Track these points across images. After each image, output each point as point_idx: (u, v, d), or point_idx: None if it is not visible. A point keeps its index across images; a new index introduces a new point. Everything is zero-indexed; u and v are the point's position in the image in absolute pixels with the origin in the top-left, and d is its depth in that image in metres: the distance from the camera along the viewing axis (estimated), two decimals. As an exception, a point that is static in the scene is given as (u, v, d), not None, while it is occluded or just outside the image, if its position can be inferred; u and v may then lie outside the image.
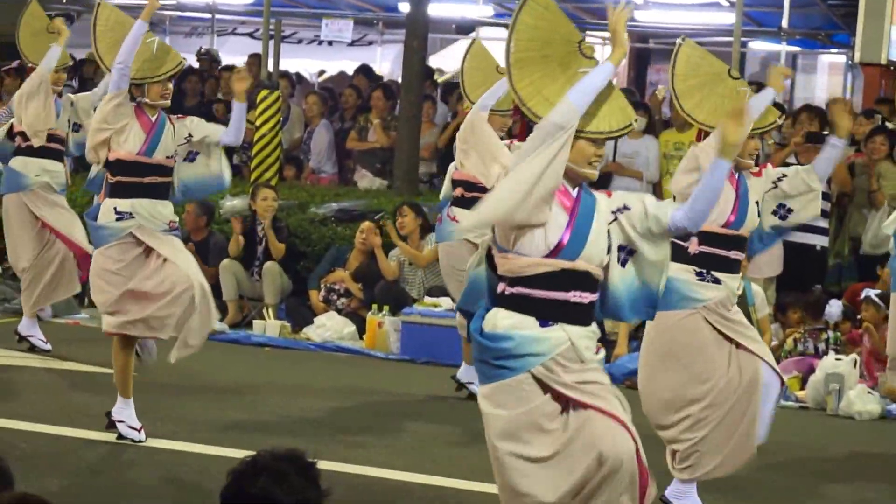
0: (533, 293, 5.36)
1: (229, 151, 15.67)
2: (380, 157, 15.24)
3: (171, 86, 8.54)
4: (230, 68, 14.89)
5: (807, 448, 9.70)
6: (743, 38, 14.10)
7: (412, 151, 14.81)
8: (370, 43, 21.32)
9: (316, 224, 13.49)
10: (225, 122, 9.26)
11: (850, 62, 17.61)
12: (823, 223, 12.60)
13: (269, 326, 12.44)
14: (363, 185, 15.13)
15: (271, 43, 15.30)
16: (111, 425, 8.30)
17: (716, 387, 7.28)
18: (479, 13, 20.03)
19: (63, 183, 10.87)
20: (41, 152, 10.53)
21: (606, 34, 21.76)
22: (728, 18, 15.44)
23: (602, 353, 5.63)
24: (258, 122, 13.81)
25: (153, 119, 8.30)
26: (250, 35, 20.66)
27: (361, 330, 12.31)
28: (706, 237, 7.20)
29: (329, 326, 12.31)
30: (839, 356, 11.12)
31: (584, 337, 5.44)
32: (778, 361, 11.22)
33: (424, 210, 12.77)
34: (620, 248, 5.48)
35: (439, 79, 18.31)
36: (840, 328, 11.79)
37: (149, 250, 8.32)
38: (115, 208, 8.28)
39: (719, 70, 7.28)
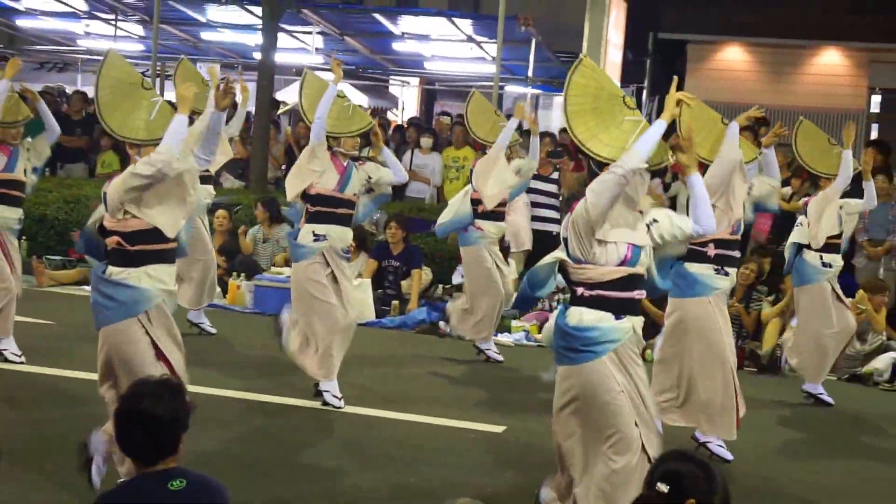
0: (609, 294, 5.19)
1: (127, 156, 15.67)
2: (240, 165, 15.31)
3: (360, 140, 8.21)
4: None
5: (533, 370, 9.87)
6: (500, 83, 14.43)
7: (263, 161, 15.03)
8: (233, 81, 21.18)
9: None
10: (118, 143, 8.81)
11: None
12: (557, 214, 13.13)
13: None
14: (227, 185, 15.00)
15: (158, 80, 15.22)
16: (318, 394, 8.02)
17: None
18: (311, 61, 20.05)
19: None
20: None
21: (403, 78, 22.18)
22: (490, 69, 15.81)
23: None
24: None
25: (344, 164, 8.02)
26: (143, 73, 20.32)
27: (225, 290, 12.24)
28: (719, 243, 7.18)
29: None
30: None
31: (640, 323, 5.32)
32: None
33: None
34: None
35: (281, 109, 18.46)
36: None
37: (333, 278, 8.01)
38: (313, 231, 7.99)
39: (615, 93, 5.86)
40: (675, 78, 5.53)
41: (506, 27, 14.38)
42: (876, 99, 19.42)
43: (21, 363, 8.55)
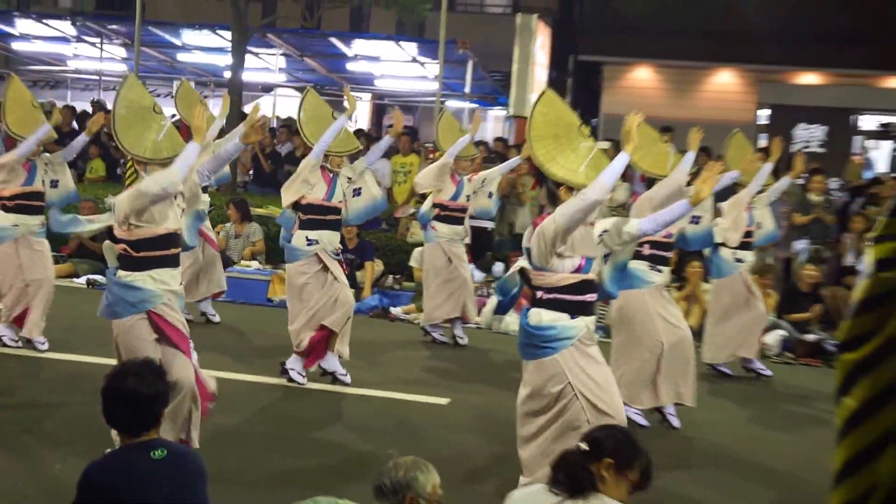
0: (565, 297, 5.23)
1: (112, 164, 15.45)
2: (211, 171, 15.19)
3: (346, 159, 8.21)
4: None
5: (477, 351, 9.93)
6: (441, 99, 14.42)
7: (232, 166, 14.80)
8: (205, 97, 21.04)
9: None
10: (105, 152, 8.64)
11: (507, 115, 18.11)
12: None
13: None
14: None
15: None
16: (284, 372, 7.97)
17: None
18: (276, 79, 19.99)
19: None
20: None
21: (355, 94, 22.08)
22: (433, 86, 15.82)
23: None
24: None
25: (331, 176, 7.97)
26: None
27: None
28: (654, 244, 7.28)
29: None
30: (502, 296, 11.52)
31: (592, 322, 5.36)
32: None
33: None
34: (605, 256, 5.47)
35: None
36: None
37: (325, 268, 7.94)
38: (306, 237, 7.92)
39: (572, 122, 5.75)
40: (635, 115, 5.46)
41: (446, 50, 14.38)
42: (763, 113, 19.66)
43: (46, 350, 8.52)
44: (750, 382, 9.29)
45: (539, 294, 5.27)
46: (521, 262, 5.37)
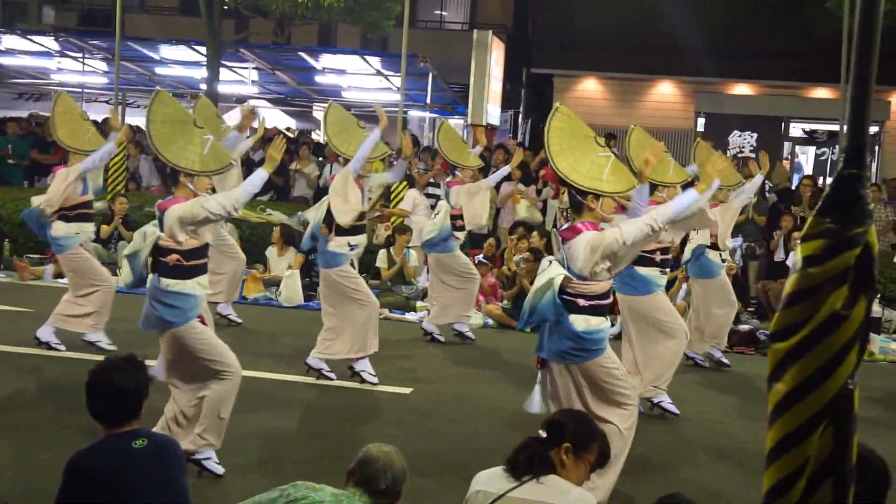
0: (602, 303, 5.23)
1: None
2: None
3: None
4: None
5: (442, 346, 9.82)
6: (404, 109, 14.43)
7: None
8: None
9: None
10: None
11: (465, 123, 18.16)
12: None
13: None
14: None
15: (120, 107, 14.92)
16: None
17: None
18: (249, 91, 19.89)
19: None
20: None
21: (323, 105, 21.98)
22: (396, 97, 15.78)
23: None
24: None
25: (360, 182, 7.82)
26: (107, 102, 19.92)
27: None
28: (664, 250, 7.30)
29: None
30: None
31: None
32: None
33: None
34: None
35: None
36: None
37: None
38: (348, 242, 7.76)
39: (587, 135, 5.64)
40: (637, 126, 5.50)
41: (408, 63, 14.36)
42: (700, 121, 19.84)
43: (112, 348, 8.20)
44: (723, 372, 9.33)
45: (581, 302, 5.17)
46: (557, 271, 5.16)
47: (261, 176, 5.52)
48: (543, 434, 3.54)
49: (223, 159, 5.75)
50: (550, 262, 5.26)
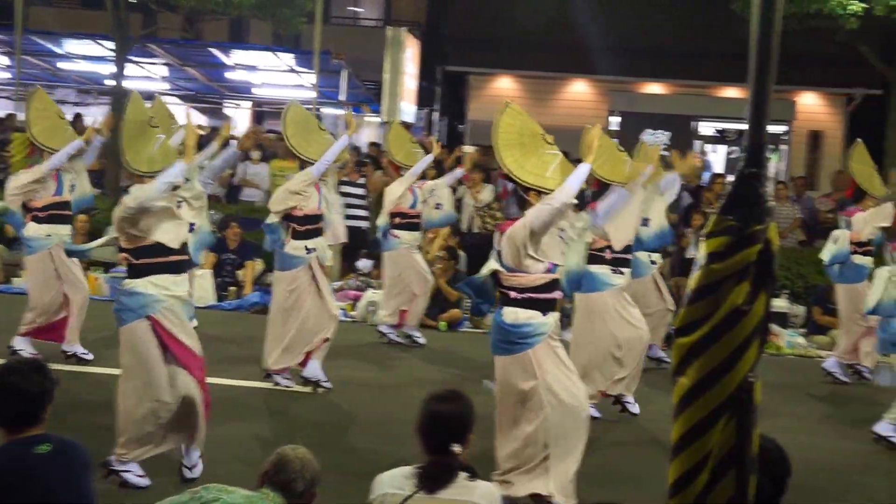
0: (537, 296, 5.24)
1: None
2: (97, 175, 14.72)
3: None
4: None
5: (351, 343, 9.88)
6: (318, 106, 14.32)
7: (116, 172, 14.43)
8: (87, 105, 20.40)
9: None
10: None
11: (381, 121, 18.12)
12: (365, 213, 13.19)
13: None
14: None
15: (23, 103, 14.43)
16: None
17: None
18: (158, 87, 19.50)
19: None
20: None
21: (234, 101, 21.72)
22: (310, 94, 15.65)
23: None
24: (14, 154, 13.05)
25: (318, 185, 7.78)
26: (8, 97, 19.34)
27: (87, 283, 11.75)
28: (624, 250, 7.35)
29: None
30: (375, 290, 11.44)
31: (557, 317, 5.40)
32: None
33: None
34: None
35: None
36: (371, 275, 12.07)
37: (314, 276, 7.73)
38: (305, 246, 7.69)
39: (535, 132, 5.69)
40: (595, 128, 5.60)
41: (321, 60, 14.27)
42: (615, 119, 20.16)
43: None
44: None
45: (513, 294, 5.25)
46: (493, 265, 5.30)
47: (180, 168, 5.51)
48: (458, 449, 3.49)
49: (171, 158, 5.70)
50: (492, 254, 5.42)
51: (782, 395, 8.52)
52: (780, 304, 11.43)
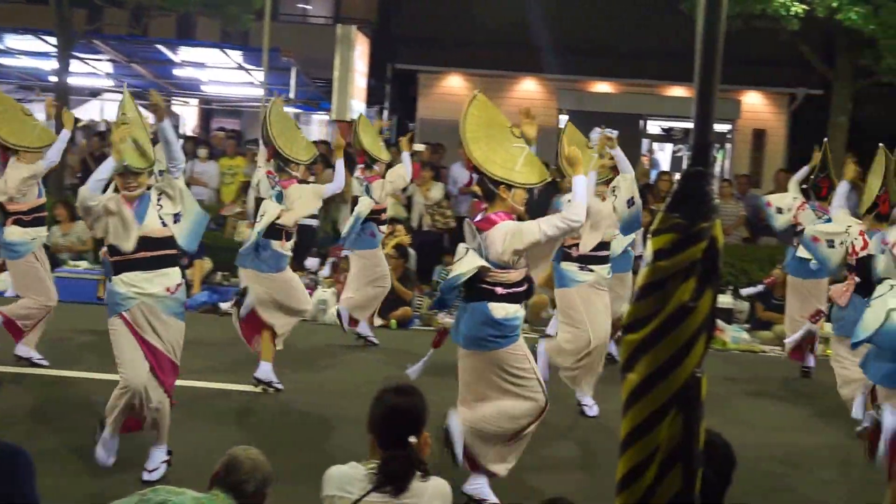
0: (518, 290, 5.33)
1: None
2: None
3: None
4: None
5: (304, 342, 9.82)
6: (266, 104, 14.24)
7: (61, 169, 14.19)
8: (30, 101, 20.02)
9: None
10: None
11: (330, 119, 18.06)
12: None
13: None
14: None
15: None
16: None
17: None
18: (103, 83, 19.24)
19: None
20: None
21: (182, 99, 21.48)
22: (259, 92, 15.59)
23: None
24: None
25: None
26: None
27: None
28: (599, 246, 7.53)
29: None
30: (325, 289, 11.43)
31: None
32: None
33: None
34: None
35: (78, 124, 17.52)
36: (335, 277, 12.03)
37: None
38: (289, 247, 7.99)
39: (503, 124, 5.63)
40: (568, 121, 5.63)
41: (270, 57, 14.19)
42: (563, 118, 20.29)
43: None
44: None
45: (499, 290, 5.28)
46: (479, 261, 5.24)
47: (107, 166, 5.53)
48: (413, 440, 3.48)
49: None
50: (467, 250, 5.36)
51: (727, 390, 8.65)
52: (725, 300, 11.60)
